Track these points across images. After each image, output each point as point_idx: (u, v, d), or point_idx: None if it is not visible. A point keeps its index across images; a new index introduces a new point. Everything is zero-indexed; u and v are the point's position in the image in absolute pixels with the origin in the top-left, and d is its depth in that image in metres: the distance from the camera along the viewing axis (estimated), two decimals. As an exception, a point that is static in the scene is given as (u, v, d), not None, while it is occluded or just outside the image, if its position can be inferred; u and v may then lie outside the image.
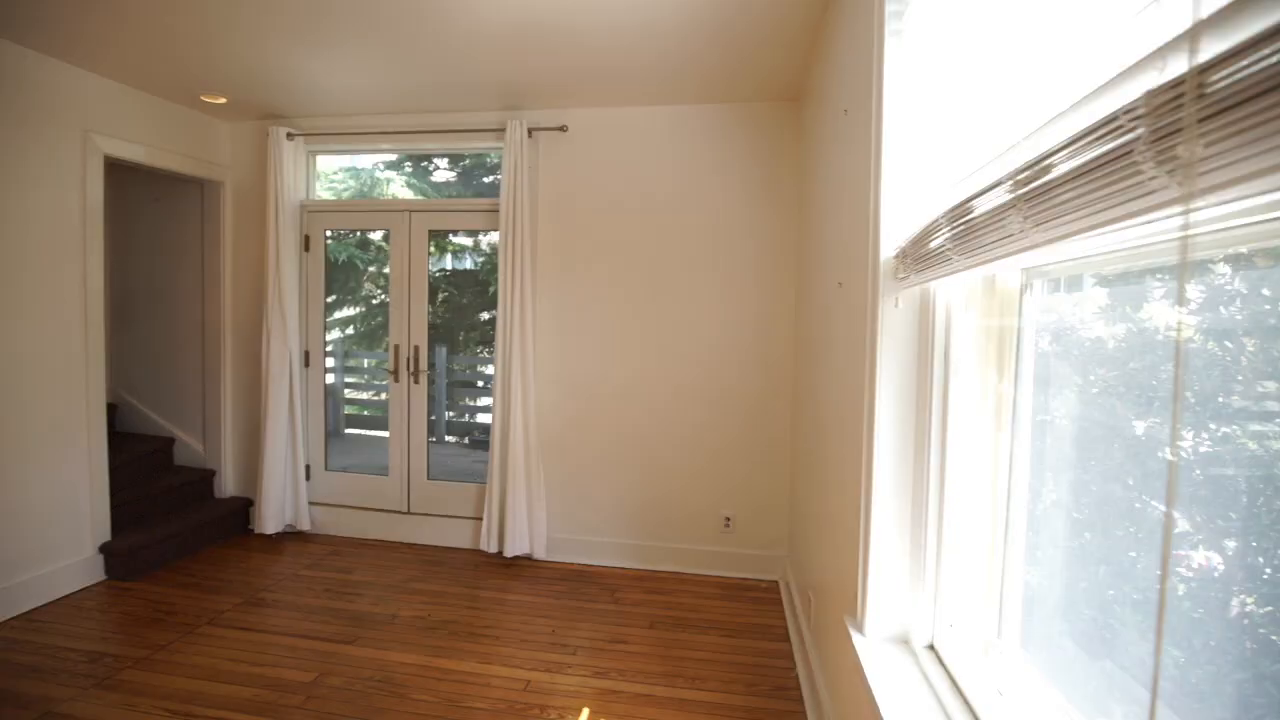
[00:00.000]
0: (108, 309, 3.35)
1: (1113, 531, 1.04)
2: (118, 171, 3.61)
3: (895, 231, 1.50)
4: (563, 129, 3.52)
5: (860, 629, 1.55)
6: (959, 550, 1.40)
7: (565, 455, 3.63)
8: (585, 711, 2.26)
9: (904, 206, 1.49)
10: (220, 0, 2.43)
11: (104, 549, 3.30)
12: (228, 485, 4.07)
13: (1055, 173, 0.75)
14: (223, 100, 3.63)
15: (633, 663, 2.60)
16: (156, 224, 4.15)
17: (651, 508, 3.55)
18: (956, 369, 1.40)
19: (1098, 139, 0.63)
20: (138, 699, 2.30)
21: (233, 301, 4.03)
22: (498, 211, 3.65)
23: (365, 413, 6.34)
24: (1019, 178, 0.85)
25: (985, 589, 1.34)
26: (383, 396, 6.06)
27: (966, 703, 1.22)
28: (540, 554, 3.58)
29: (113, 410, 4.06)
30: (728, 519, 3.46)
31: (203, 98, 3.59)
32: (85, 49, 2.94)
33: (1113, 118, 0.60)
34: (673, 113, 3.46)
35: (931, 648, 1.44)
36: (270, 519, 3.77)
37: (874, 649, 1.48)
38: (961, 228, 1.07)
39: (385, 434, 3.98)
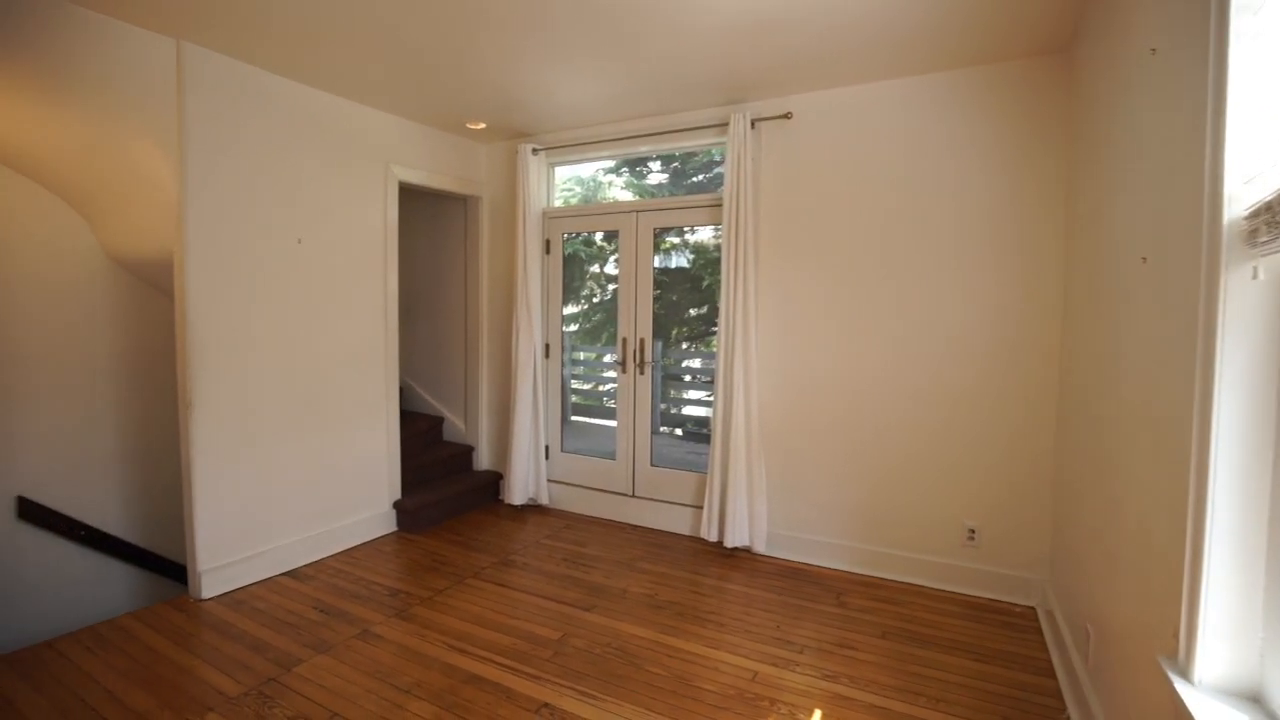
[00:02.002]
0: (399, 308, 4.04)
1: None
2: (403, 193, 4.34)
3: (1246, 186, 1.20)
4: (786, 116, 3.45)
5: (1185, 675, 1.27)
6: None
7: (787, 451, 3.55)
8: (817, 713, 2.19)
9: (1259, 154, 1.19)
10: (487, 35, 2.78)
11: (396, 505, 4.01)
12: (483, 460, 4.70)
13: None
14: (482, 125, 4.17)
15: (864, 671, 2.45)
16: (431, 236, 4.92)
17: (880, 512, 3.32)
18: (1350, 358, 1.08)
19: None
20: (425, 631, 2.75)
21: (488, 300, 4.63)
22: (719, 206, 3.71)
23: (586, 402, 6.88)
24: None
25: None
26: (601, 388, 6.52)
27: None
28: (760, 548, 3.55)
29: (400, 392, 4.92)
30: (972, 531, 3.11)
31: (467, 125, 4.16)
32: (384, 94, 3.57)
33: None
34: (905, 85, 3.19)
35: (1302, 713, 1.13)
36: (517, 491, 4.27)
37: (1208, 704, 1.20)
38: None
39: (603, 422, 4.26)
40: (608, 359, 4.85)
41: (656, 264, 5.70)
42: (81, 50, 2.64)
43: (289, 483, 3.39)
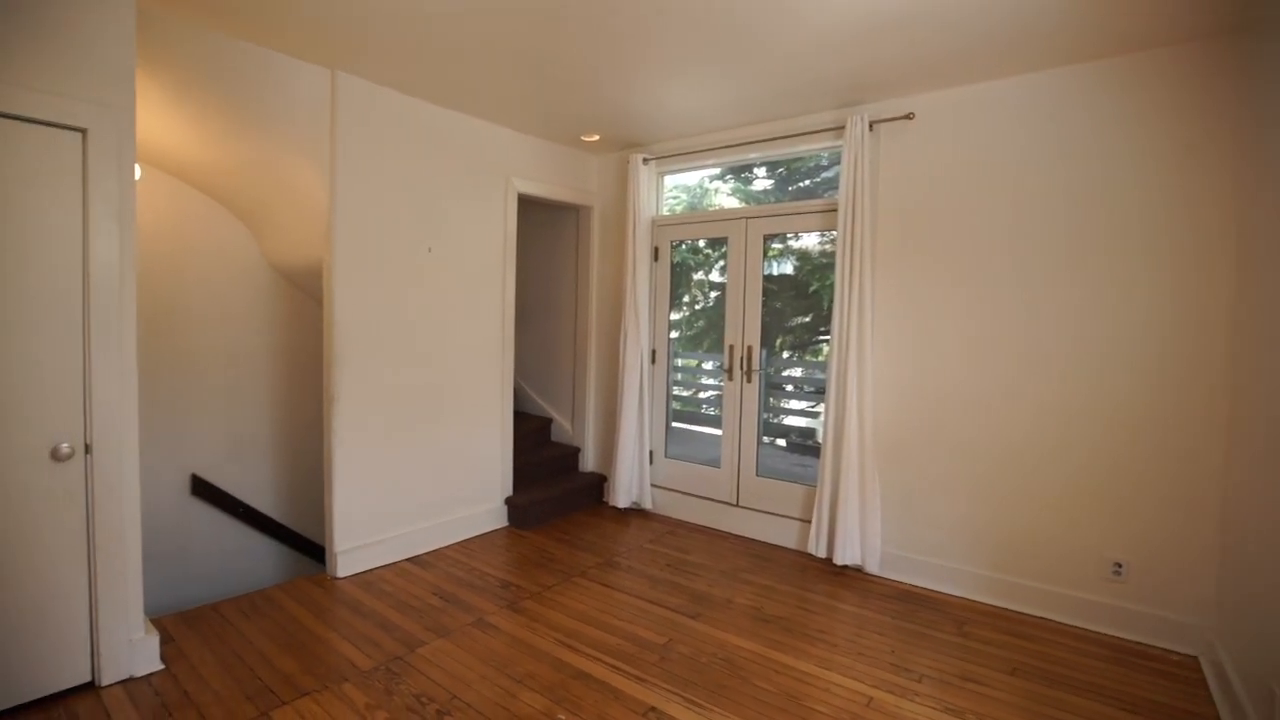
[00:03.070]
0: (515, 313, 4.24)
1: None
2: (520, 203, 4.55)
3: None
4: (908, 117, 3.30)
5: None
6: None
7: (904, 467, 3.37)
8: (940, 748, 2.05)
9: None
10: (607, 50, 2.85)
11: (507, 501, 4.19)
12: (589, 461, 4.82)
13: None
14: (596, 137, 4.29)
15: (992, 709, 2.27)
16: (545, 244, 5.13)
17: (1009, 537, 3.08)
18: None
19: None
20: (535, 624, 2.85)
21: (597, 307, 4.76)
22: (832, 212, 3.61)
23: (685, 409, 6.87)
24: None
25: None
26: (700, 394, 6.50)
27: None
28: (872, 568, 3.39)
29: (513, 393, 5.15)
30: (1118, 565, 2.81)
31: (581, 137, 4.30)
32: (507, 112, 3.76)
33: None
34: (1043, 79, 2.95)
35: None
36: (621, 494, 4.34)
37: None
38: None
39: (700, 429, 4.24)
40: (708, 365, 4.83)
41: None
42: (253, 81, 2.99)
43: (415, 474, 3.63)
